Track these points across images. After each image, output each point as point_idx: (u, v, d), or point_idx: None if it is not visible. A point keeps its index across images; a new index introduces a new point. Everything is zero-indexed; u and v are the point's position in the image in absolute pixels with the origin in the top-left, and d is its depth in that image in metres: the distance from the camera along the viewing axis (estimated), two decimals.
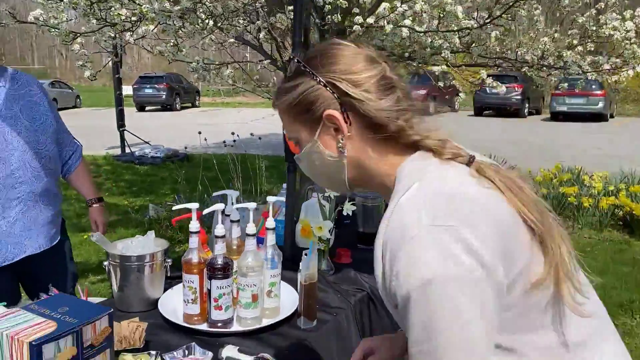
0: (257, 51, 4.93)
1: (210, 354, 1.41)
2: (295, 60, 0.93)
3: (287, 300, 1.76)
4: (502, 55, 4.67)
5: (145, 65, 44.62)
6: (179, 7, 2.95)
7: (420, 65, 5.14)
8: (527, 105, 18.98)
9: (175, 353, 1.41)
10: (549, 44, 4.46)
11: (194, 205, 1.66)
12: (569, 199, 5.64)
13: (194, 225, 1.62)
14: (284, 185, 2.27)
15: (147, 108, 22.82)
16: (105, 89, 30.73)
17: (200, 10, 3.03)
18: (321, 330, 1.69)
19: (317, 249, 2.04)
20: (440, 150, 0.87)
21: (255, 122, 14.43)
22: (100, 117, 17.77)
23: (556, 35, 4.71)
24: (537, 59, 4.38)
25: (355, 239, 2.37)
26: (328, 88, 0.88)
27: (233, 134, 5.20)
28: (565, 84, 4.56)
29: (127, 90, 17.76)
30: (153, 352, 1.40)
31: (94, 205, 2.22)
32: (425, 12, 3.48)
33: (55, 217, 2.02)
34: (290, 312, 1.70)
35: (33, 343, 1.06)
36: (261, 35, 4.60)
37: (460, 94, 4.58)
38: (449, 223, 0.76)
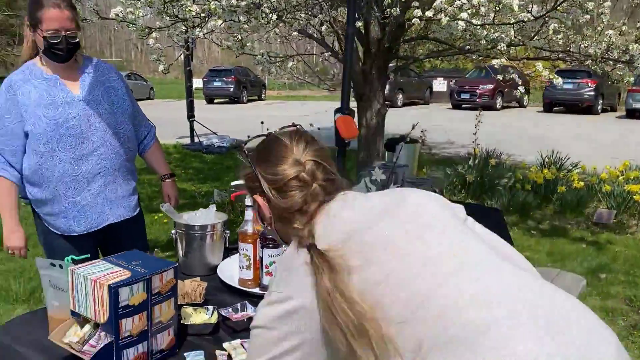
0: (319, 44, 5.10)
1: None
2: (245, 150, 1.21)
3: None
4: (564, 49, 4.61)
5: (215, 58, 45.96)
6: (245, 3, 3.16)
7: (480, 58, 5.14)
8: (600, 101, 18.16)
9: (229, 309, 1.60)
10: (615, 37, 4.36)
11: None
12: (634, 197, 5.47)
13: (249, 199, 1.81)
14: None
15: (215, 100, 23.58)
16: (176, 82, 31.95)
17: (265, 5, 3.22)
18: None
19: None
20: (300, 241, 1.09)
21: (318, 114, 14.65)
22: (172, 108, 18.55)
23: (624, 28, 4.59)
24: (601, 53, 4.29)
25: None
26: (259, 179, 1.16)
27: (293, 124, 5.40)
28: (632, 79, 4.43)
29: (197, 83, 18.45)
30: (210, 307, 1.60)
31: (167, 180, 2.45)
32: (482, 6, 3.52)
33: (133, 191, 2.27)
34: None
35: (112, 286, 1.27)
36: (323, 28, 4.76)
37: (519, 88, 4.55)
38: (282, 291, 1.05)
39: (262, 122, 5.76)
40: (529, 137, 11.84)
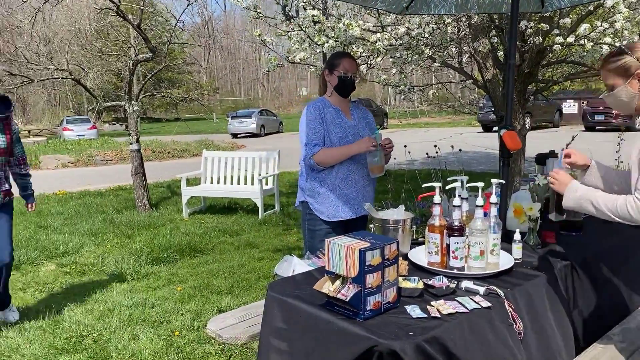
0: (460, 73, 5.52)
1: (455, 282, 2.04)
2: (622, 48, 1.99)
3: (504, 260, 2.31)
4: None
5: None
6: (404, 41, 3.70)
7: None
8: None
9: (434, 279, 2.07)
10: None
11: (438, 184, 2.32)
12: None
13: (437, 198, 2.28)
14: (493, 181, 2.81)
15: None
16: (300, 115, 33.53)
17: (422, 43, 3.74)
18: (533, 281, 2.21)
19: (527, 227, 2.57)
20: None
21: (443, 139, 14.85)
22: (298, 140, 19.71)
23: None
24: None
25: (558, 227, 2.81)
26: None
27: (435, 146, 5.81)
28: None
29: None
30: (415, 278, 2.08)
31: None
32: (626, 30, 3.76)
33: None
34: (508, 267, 2.25)
35: (361, 249, 1.79)
36: (463, 59, 5.20)
37: None
38: None
39: (404, 146, 6.26)
40: None
